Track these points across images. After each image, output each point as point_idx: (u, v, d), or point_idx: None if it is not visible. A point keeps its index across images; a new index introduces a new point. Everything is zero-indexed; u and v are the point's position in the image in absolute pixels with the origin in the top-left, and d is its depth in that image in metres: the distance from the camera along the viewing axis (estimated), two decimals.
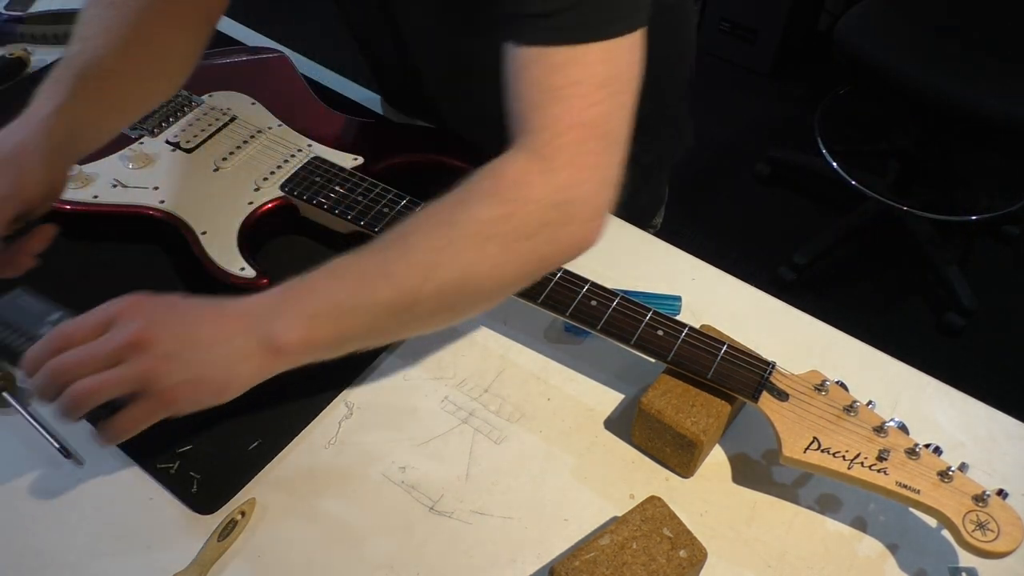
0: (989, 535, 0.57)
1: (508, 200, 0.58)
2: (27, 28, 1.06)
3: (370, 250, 0.58)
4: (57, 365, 0.54)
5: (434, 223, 0.58)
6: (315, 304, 0.56)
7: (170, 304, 0.56)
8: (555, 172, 0.58)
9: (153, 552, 0.63)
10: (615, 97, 0.59)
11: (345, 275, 0.57)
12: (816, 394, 0.64)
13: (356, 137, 0.87)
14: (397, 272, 0.56)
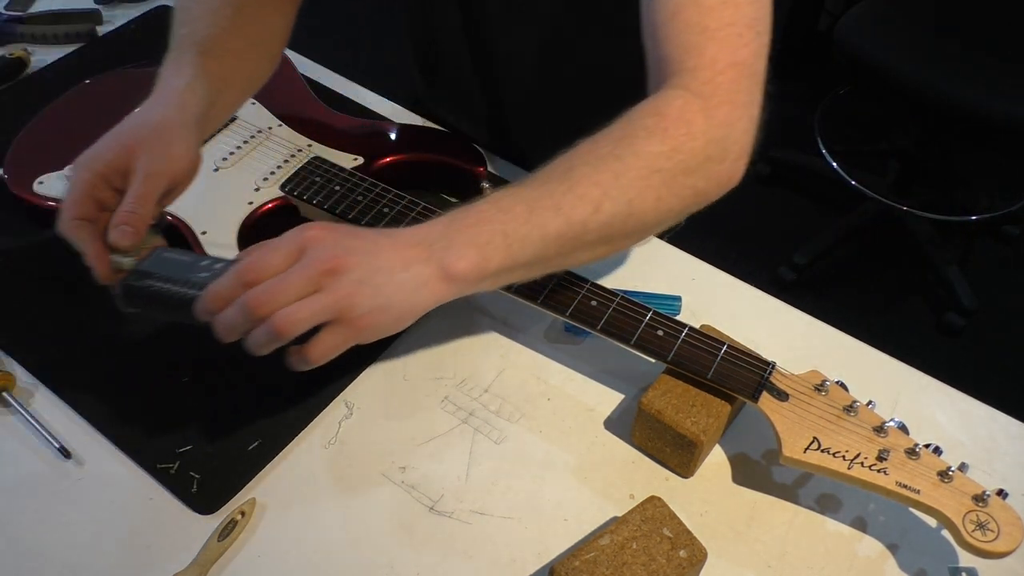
0: (989, 535, 0.57)
1: (673, 136, 0.59)
2: (27, 28, 1.06)
3: (534, 183, 0.59)
4: (255, 297, 0.52)
5: (600, 156, 0.59)
6: (487, 233, 0.56)
7: (352, 232, 0.56)
8: (715, 109, 0.60)
9: (153, 552, 0.63)
10: (761, 37, 0.62)
11: (513, 207, 0.57)
12: (816, 394, 0.64)
13: (356, 137, 0.87)
14: (565, 204, 0.57)
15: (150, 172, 0.62)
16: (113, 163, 0.62)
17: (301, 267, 0.53)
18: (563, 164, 0.60)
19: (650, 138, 0.60)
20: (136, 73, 0.96)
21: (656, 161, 0.59)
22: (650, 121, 0.60)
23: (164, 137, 0.64)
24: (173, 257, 0.61)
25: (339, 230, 0.56)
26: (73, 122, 0.88)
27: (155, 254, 0.61)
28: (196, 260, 0.60)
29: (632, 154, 0.59)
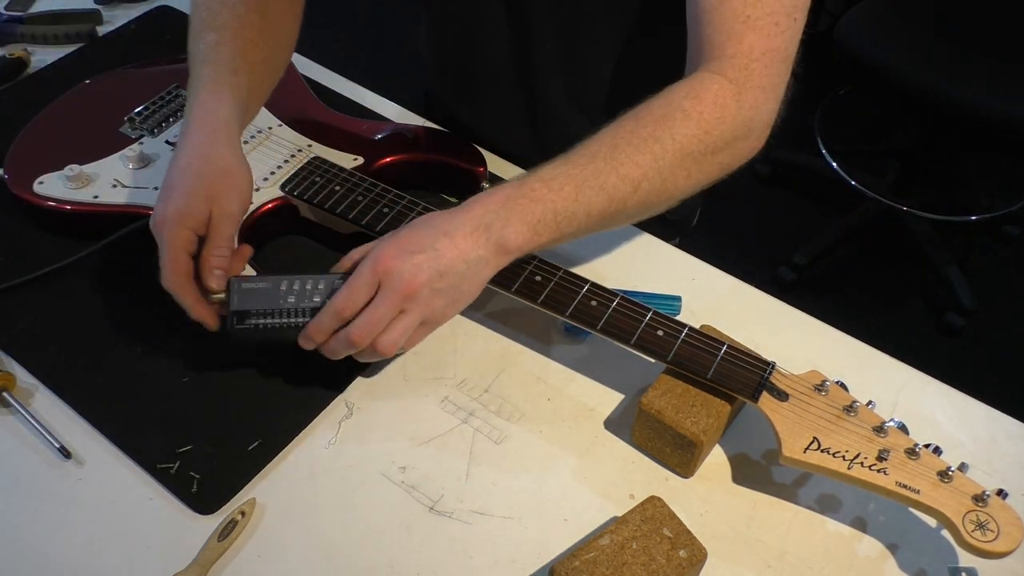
0: (989, 535, 0.57)
1: (708, 119, 0.66)
2: (27, 28, 1.06)
3: (580, 160, 0.65)
4: (357, 332, 0.63)
5: (642, 138, 0.65)
6: (539, 212, 0.64)
7: (414, 243, 0.63)
8: (746, 94, 0.67)
9: (153, 552, 0.63)
10: (797, 23, 0.69)
11: (564, 187, 0.64)
12: (816, 394, 0.64)
13: (356, 137, 0.87)
14: (609, 184, 0.64)
15: (229, 214, 0.68)
16: (200, 218, 0.66)
17: (385, 300, 0.63)
18: (608, 141, 0.66)
19: (687, 121, 0.66)
20: (136, 73, 0.96)
21: (691, 143, 0.66)
22: (688, 104, 0.66)
23: (232, 179, 0.69)
24: (254, 287, 0.67)
25: (404, 249, 0.63)
26: (73, 122, 0.88)
27: (236, 288, 0.67)
28: (275, 285, 0.67)
29: (670, 137, 0.65)
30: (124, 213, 0.80)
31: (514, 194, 0.64)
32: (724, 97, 0.67)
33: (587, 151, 0.66)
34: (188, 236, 0.66)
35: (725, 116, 0.66)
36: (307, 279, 0.67)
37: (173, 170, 0.68)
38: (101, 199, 0.80)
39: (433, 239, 0.63)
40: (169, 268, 0.65)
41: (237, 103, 0.72)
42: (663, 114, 0.66)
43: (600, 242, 0.85)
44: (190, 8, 0.77)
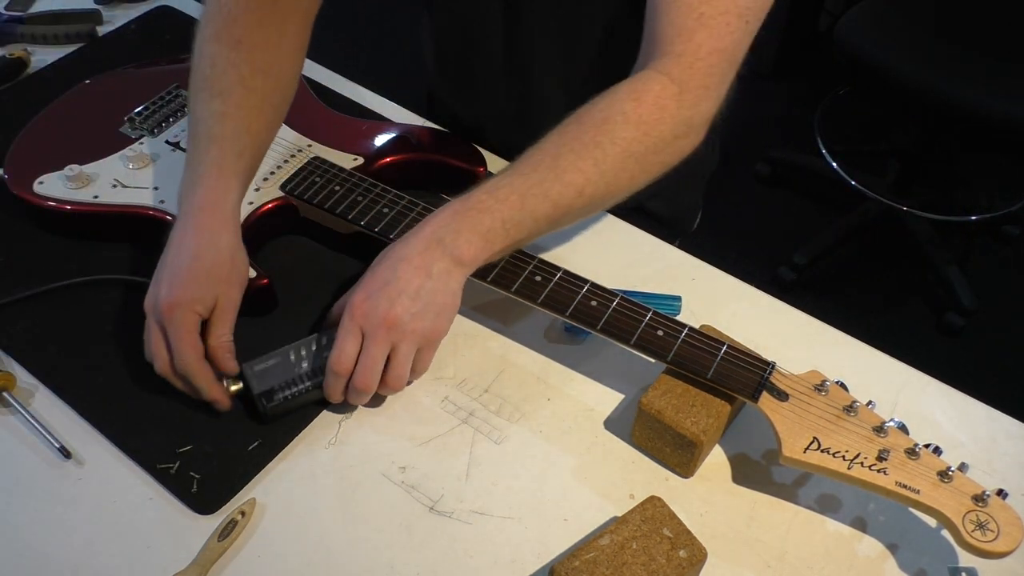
0: (989, 535, 0.57)
1: (647, 121, 0.68)
2: (27, 28, 1.06)
3: (525, 169, 0.68)
4: (361, 382, 0.66)
5: (583, 144, 0.67)
6: (487, 222, 0.66)
7: (378, 280, 0.66)
8: (687, 94, 0.68)
9: (153, 552, 0.63)
10: (749, 26, 0.69)
11: (509, 197, 0.66)
12: (816, 394, 0.64)
13: (356, 137, 0.87)
14: (553, 192, 0.67)
15: (234, 301, 0.70)
16: (210, 304, 0.68)
17: (372, 342, 0.65)
18: (551, 150, 0.68)
19: (627, 124, 0.67)
20: (136, 73, 0.96)
21: (631, 146, 0.67)
22: (628, 106, 0.68)
23: (237, 269, 0.71)
24: (267, 365, 0.70)
25: (370, 290, 0.66)
26: (73, 122, 0.88)
27: (251, 373, 0.69)
28: (285, 357, 0.70)
29: (611, 142, 0.67)
30: (124, 213, 0.80)
31: (462, 208, 0.66)
32: (665, 98, 0.68)
33: (531, 160, 0.68)
34: (197, 321, 0.68)
35: (664, 117, 0.68)
36: (311, 341, 0.71)
37: (181, 255, 0.69)
38: (101, 199, 0.80)
39: (392, 269, 0.66)
40: (187, 351, 0.66)
41: (242, 189, 0.74)
42: (604, 117, 0.68)
43: (600, 242, 0.85)
44: (192, 54, 0.76)
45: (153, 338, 0.67)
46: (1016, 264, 2.06)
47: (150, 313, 0.68)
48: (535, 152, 0.68)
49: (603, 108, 0.68)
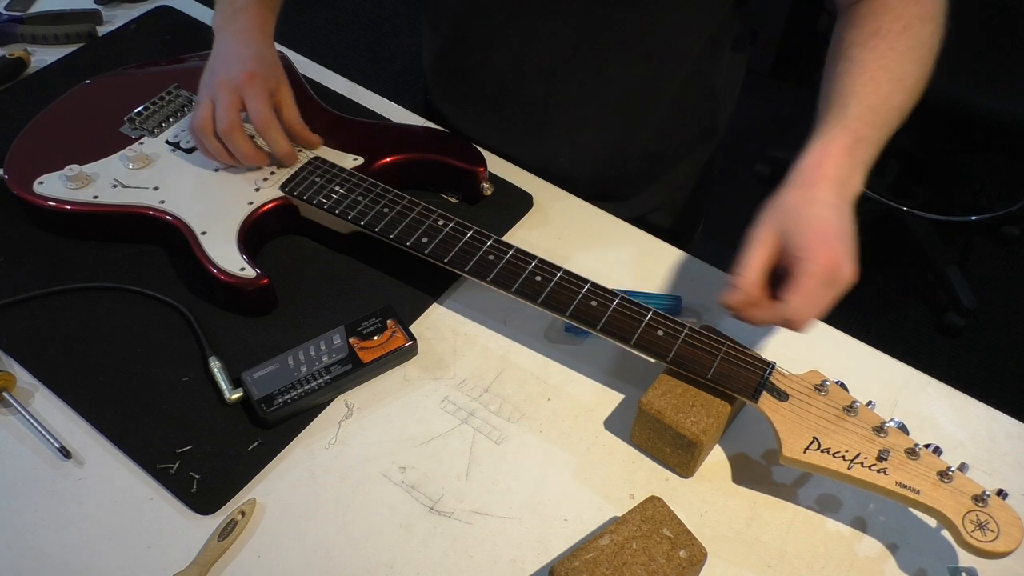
0: (989, 535, 0.57)
1: (933, 18, 0.74)
2: (27, 28, 1.06)
3: (874, 87, 0.69)
4: (799, 318, 0.63)
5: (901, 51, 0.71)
6: (868, 155, 0.69)
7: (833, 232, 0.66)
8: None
9: (153, 552, 0.63)
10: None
11: (874, 120, 0.69)
12: (816, 394, 0.64)
13: (356, 137, 0.87)
14: (899, 104, 0.70)
15: (290, 93, 0.83)
16: (275, 87, 0.81)
17: (830, 291, 0.64)
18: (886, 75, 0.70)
19: (924, 22, 0.73)
20: (136, 73, 0.96)
21: (933, 39, 0.74)
22: (915, 9, 0.73)
23: (282, 70, 0.83)
24: (265, 372, 0.70)
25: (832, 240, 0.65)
26: (73, 122, 0.88)
27: (250, 380, 0.70)
28: (283, 362, 0.71)
29: (920, 43, 0.72)
30: (124, 213, 0.80)
31: (854, 144, 0.68)
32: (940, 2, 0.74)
33: (875, 76, 0.70)
34: (269, 92, 0.80)
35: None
36: (308, 346, 0.72)
37: (247, 48, 0.80)
38: (101, 199, 0.80)
39: (827, 218, 0.67)
40: (267, 111, 0.78)
41: (274, 21, 0.86)
42: (904, 25, 0.72)
43: (600, 242, 0.85)
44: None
45: (224, 103, 0.77)
46: (1016, 264, 2.06)
47: (220, 86, 0.78)
48: (870, 69, 0.70)
49: (893, 24, 0.71)
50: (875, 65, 0.70)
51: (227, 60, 0.80)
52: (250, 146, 0.79)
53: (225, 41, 0.82)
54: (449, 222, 0.76)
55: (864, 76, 0.70)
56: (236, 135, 0.78)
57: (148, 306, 0.77)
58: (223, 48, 0.82)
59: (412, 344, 0.73)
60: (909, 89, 0.71)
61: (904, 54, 0.71)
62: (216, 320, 0.76)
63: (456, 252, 0.73)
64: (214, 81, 0.79)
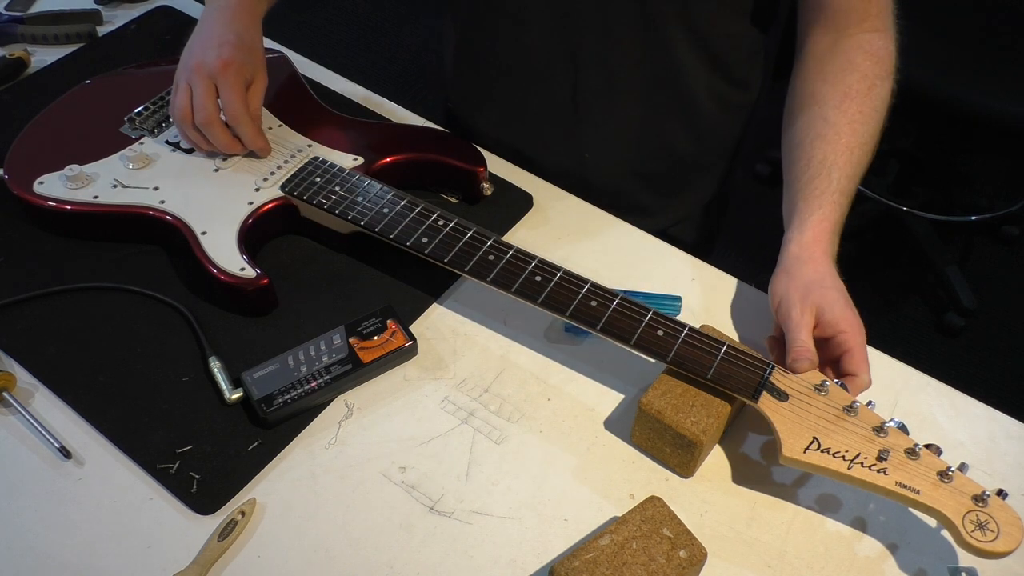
0: (989, 535, 0.57)
1: (890, 75, 0.80)
2: (27, 28, 1.06)
3: (849, 155, 0.75)
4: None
5: (864, 117, 0.77)
6: (843, 221, 0.77)
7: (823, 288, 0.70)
8: (893, 34, 0.82)
9: (153, 552, 0.63)
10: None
11: (850, 188, 0.77)
12: (816, 394, 0.64)
13: (356, 137, 0.87)
14: (865, 165, 0.77)
15: (264, 82, 0.83)
16: (250, 76, 0.81)
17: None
18: (846, 144, 0.76)
19: (885, 84, 0.79)
20: (136, 73, 0.96)
21: (889, 99, 0.80)
22: (876, 69, 0.78)
23: (265, 62, 0.83)
24: (265, 372, 0.70)
25: (851, 306, 0.69)
26: (73, 122, 0.88)
27: (250, 380, 0.70)
28: (283, 362, 0.71)
29: (878, 108, 0.78)
30: (124, 213, 0.80)
31: (837, 218, 0.77)
32: (893, 48, 0.81)
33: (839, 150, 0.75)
34: (244, 83, 0.80)
35: (890, 61, 0.81)
36: (308, 346, 0.72)
37: (228, 30, 0.80)
38: (101, 199, 0.80)
39: (843, 287, 0.72)
40: (239, 103, 0.78)
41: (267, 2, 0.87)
42: (868, 86, 0.78)
43: (600, 242, 0.85)
44: None
45: (201, 92, 0.77)
46: (1016, 264, 2.06)
47: (195, 71, 0.78)
48: (837, 135, 0.75)
49: (852, 79, 0.77)
50: (849, 130, 0.75)
51: (206, 40, 0.80)
52: (228, 136, 0.81)
53: (209, 17, 0.82)
54: (449, 222, 0.76)
55: (840, 143, 0.75)
56: (215, 127, 0.79)
57: (148, 306, 0.77)
58: (205, 25, 0.82)
59: (412, 344, 0.73)
60: (871, 151, 0.77)
61: (869, 116, 0.77)
62: (216, 320, 0.76)
63: (456, 252, 0.73)
64: (191, 63, 0.79)
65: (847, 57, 0.78)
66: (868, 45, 0.79)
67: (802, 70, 0.81)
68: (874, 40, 0.79)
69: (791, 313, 0.67)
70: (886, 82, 0.79)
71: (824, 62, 0.79)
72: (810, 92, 0.78)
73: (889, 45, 0.80)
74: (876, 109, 0.77)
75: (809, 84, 0.79)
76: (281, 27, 0.88)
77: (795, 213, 0.75)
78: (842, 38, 0.79)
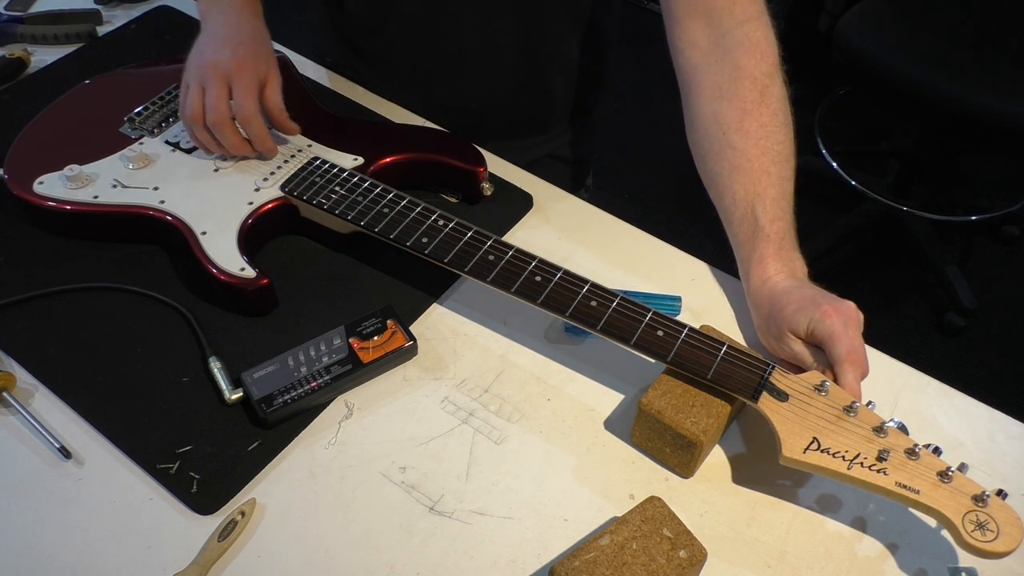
0: (988, 535, 0.57)
1: (777, 67, 0.78)
2: (27, 28, 1.06)
3: (768, 179, 0.75)
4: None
5: (771, 123, 0.76)
6: (790, 236, 0.77)
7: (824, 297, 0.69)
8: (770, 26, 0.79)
9: (153, 552, 0.63)
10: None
11: (781, 207, 0.76)
12: (816, 394, 0.64)
13: (356, 137, 0.87)
14: (788, 174, 0.78)
15: (279, 79, 0.83)
16: (264, 75, 0.81)
17: (854, 330, 0.66)
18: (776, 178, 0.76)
19: (775, 81, 0.77)
20: (136, 73, 0.96)
21: (784, 91, 0.78)
22: (763, 66, 0.76)
23: (275, 60, 0.84)
24: (265, 372, 0.70)
25: (821, 303, 0.67)
26: (73, 122, 0.88)
27: (250, 380, 0.70)
28: (283, 363, 0.71)
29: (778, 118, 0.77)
30: (124, 213, 0.80)
31: (775, 250, 0.74)
32: (772, 34, 0.77)
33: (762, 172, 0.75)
34: (258, 82, 0.80)
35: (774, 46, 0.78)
36: (308, 346, 0.72)
37: (239, 30, 0.81)
38: (101, 199, 0.80)
39: (808, 288, 0.70)
40: (252, 104, 0.79)
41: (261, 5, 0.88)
42: (761, 87, 0.76)
43: (600, 242, 0.85)
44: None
45: (214, 93, 0.77)
46: (1016, 264, 2.06)
47: (209, 71, 0.78)
48: (749, 162, 0.75)
49: (751, 84, 0.75)
50: (758, 151, 0.75)
51: (217, 41, 0.80)
52: (238, 138, 0.80)
53: (215, 17, 0.82)
54: (449, 222, 0.76)
55: (754, 171, 0.74)
56: (226, 128, 0.79)
57: (148, 306, 0.77)
58: (213, 25, 0.82)
59: (412, 344, 0.73)
60: (788, 154, 0.77)
61: (771, 122, 0.76)
62: (216, 320, 0.76)
63: (456, 252, 0.73)
64: (204, 63, 0.79)
65: (732, 62, 0.76)
66: (747, 40, 0.76)
67: (692, 82, 0.79)
68: (752, 32, 0.76)
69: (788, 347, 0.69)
70: (775, 79, 0.76)
71: (712, 72, 0.77)
72: (711, 112, 0.76)
73: (767, 32, 0.77)
74: (776, 112, 0.76)
75: (706, 103, 0.77)
76: (281, 27, 0.87)
77: (738, 259, 0.76)
78: (720, 37, 0.77)
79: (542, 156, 1.06)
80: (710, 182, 0.78)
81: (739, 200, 0.75)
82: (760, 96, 0.75)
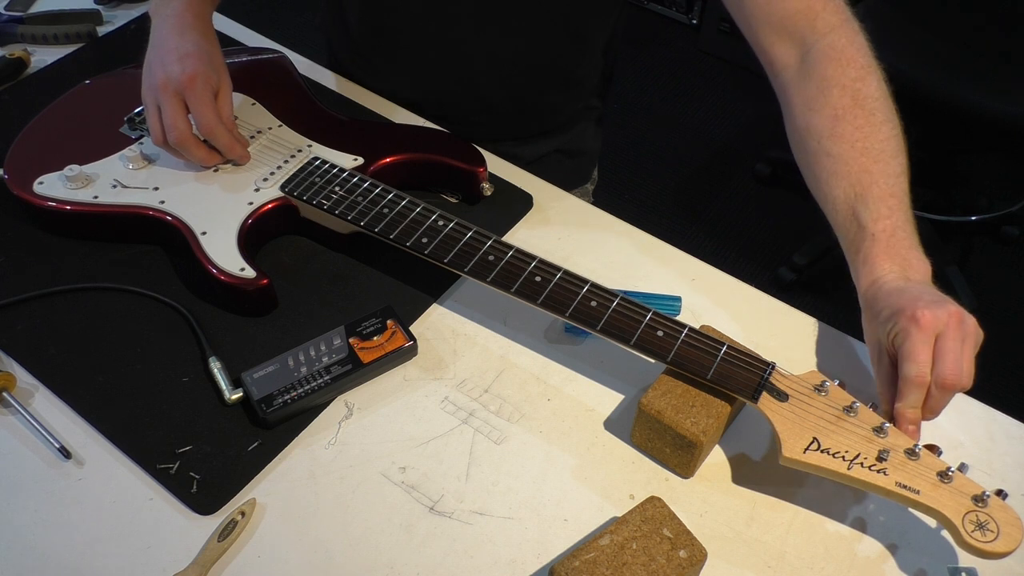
0: (988, 535, 0.57)
1: (869, 67, 0.76)
2: (27, 28, 1.06)
3: (869, 178, 0.71)
4: (952, 379, 0.62)
5: (872, 122, 0.74)
6: (904, 231, 0.69)
7: (931, 296, 0.65)
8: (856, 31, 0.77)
9: (153, 552, 0.63)
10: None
11: (889, 204, 0.70)
12: (816, 394, 0.64)
13: (356, 137, 0.87)
14: (895, 169, 0.72)
15: (230, 87, 0.82)
16: (216, 84, 0.79)
17: (961, 344, 0.62)
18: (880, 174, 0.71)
19: (868, 80, 0.74)
20: (136, 73, 0.96)
21: (884, 87, 0.76)
22: (852, 71, 0.74)
23: (224, 65, 0.82)
24: (265, 372, 0.70)
25: (930, 300, 0.63)
26: (73, 122, 0.88)
27: (250, 380, 0.70)
28: (283, 363, 0.71)
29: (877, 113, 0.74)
30: (124, 213, 0.80)
31: (883, 249, 0.69)
32: (859, 38, 0.76)
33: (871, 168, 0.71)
34: (213, 93, 0.79)
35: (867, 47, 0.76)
36: (308, 346, 0.72)
37: (183, 42, 0.79)
38: (101, 199, 0.80)
39: (922, 289, 0.66)
40: (211, 115, 0.78)
41: (213, 5, 0.87)
42: (855, 91, 0.74)
43: (600, 242, 0.85)
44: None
45: (170, 111, 0.77)
46: (1016, 264, 2.06)
47: (161, 90, 0.77)
48: (847, 165, 0.72)
49: (840, 91, 0.74)
50: (855, 152, 0.72)
51: (164, 55, 0.79)
52: (205, 151, 0.80)
53: (160, 29, 0.81)
54: (449, 222, 0.76)
55: (852, 172, 0.71)
56: (190, 144, 0.79)
57: (148, 306, 0.77)
58: (158, 37, 0.81)
59: (412, 344, 0.73)
60: (893, 151, 0.73)
61: (868, 122, 0.73)
62: (216, 320, 0.76)
63: (456, 252, 0.73)
64: (155, 83, 0.78)
65: (819, 75, 0.75)
66: (831, 51, 0.75)
67: (785, 101, 0.79)
68: (835, 42, 0.75)
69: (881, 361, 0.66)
70: (867, 81, 0.75)
71: (801, 88, 0.77)
72: (804, 126, 0.76)
73: (853, 38, 0.76)
74: (873, 111, 0.74)
75: (798, 118, 0.76)
76: (281, 27, 0.88)
77: (849, 265, 0.74)
78: (806, 54, 0.77)
79: (549, 151, 1.07)
80: (814, 193, 0.76)
81: (839, 204, 0.72)
82: (853, 100, 0.74)
